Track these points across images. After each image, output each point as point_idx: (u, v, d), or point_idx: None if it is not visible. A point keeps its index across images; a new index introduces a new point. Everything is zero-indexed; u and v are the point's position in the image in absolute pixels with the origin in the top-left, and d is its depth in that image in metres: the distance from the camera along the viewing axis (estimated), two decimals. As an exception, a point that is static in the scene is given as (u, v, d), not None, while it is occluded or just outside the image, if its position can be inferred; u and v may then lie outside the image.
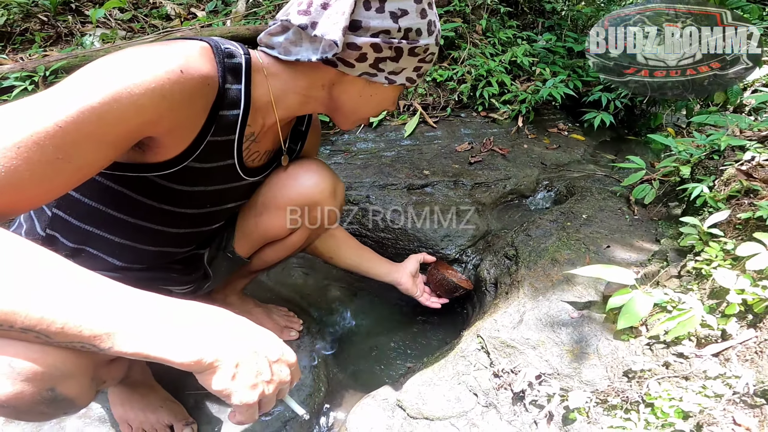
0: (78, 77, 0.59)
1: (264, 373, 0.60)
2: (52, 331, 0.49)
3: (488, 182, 1.99)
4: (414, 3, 0.78)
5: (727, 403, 0.76)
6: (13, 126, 0.53)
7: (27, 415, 0.56)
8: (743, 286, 0.88)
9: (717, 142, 1.42)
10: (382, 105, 0.91)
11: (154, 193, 0.79)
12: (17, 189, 0.53)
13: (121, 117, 0.59)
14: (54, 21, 2.72)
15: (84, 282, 0.52)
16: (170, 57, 0.65)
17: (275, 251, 1.14)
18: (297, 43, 0.78)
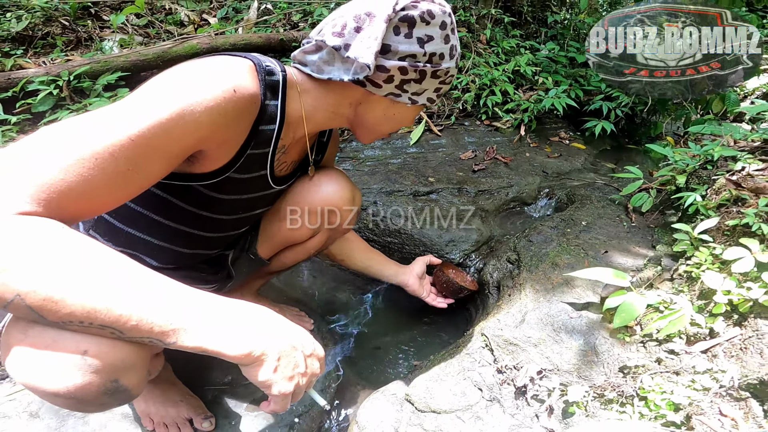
0: (145, 93, 0.64)
1: (300, 366, 0.66)
2: (127, 327, 0.54)
3: (491, 190, 2.05)
4: (439, 29, 0.84)
5: (714, 395, 0.83)
6: (90, 137, 0.57)
7: (88, 406, 0.60)
8: (729, 287, 0.95)
9: (711, 153, 1.49)
10: (403, 123, 0.96)
11: (196, 201, 0.85)
12: (91, 197, 0.58)
13: (185, 132, 0.65)
14: (74, 25, 2.79)
15: (153, 282, 0.58)
16: (225, 76, 0.70)
17: (294, 254, 1.22)
18: (330, 63, 0.83)
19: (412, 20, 0.81)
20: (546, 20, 3.51)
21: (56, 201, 0.54)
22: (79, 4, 2.87)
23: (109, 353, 0.57)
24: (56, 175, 0.54)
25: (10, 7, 2.73)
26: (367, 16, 0.80)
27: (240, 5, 3.37)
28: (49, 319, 0.52)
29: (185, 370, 1.14)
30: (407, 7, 0.80)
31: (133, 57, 2.39)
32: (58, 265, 0.51)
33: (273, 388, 0.64)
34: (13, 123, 2.03)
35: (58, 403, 0.58)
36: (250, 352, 0.60)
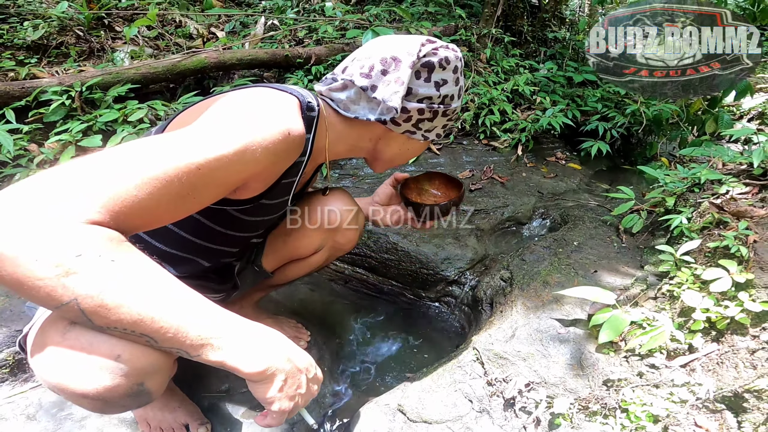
0: (213, 124, 0.70)
1: (302, 387, 0.72)
2: (165, 338, 0.58)
3: (487, 209, 2.10)
4: (452, 73, 0.92)
5: (690, 408, 0.87)
6: (164, 160, 0.61)
7: (111, 408, 0.63)
8: (708, 305, 1.00)
9: (698, 176, 1.55)
10: (414, 155, 1.06)
11: (225, 221, 0.91)
12: (153, 213, 0.62)
13: (243, 168, 0.70)
14: (88, 35, 2.87)
15: (190, 298, 0.62)
16: (281, 117, 0.76)
17: (297, 268, 1.26)
18: (356, 102, 0.91)
19: (432, 66, 0.89)
20: (545, 39, 3.59)
21: (125, 214, 0.58)
22: (94, 15, 2.95)
23: (140, 358, 0.61)
24: (131, 191, 0.57)
25: (27, 16, 2.81)
26: (393, 61, 0.87)
27: (247, 20, 3.46)
28: (96, 323, 0.55)
29: (183, 377, 1.17)
30: (428, 54, 0.89)
31: (144, 69, 2.46)
32: (115, 275, 0.54)
33: (275, 405, 0.68)
34: (25, 132, 2.09)
35: (84, 404, 0.61)
36: (264, 371, 0.65)
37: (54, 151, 1.99)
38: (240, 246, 1.06)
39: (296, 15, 3.45)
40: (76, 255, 0.52)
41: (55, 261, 0.51)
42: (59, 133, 2.08)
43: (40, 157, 1.97)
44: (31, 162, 1.96)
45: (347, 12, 3.43)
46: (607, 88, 3.06)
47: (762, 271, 1.04)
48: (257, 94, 0.79)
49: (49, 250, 0.51)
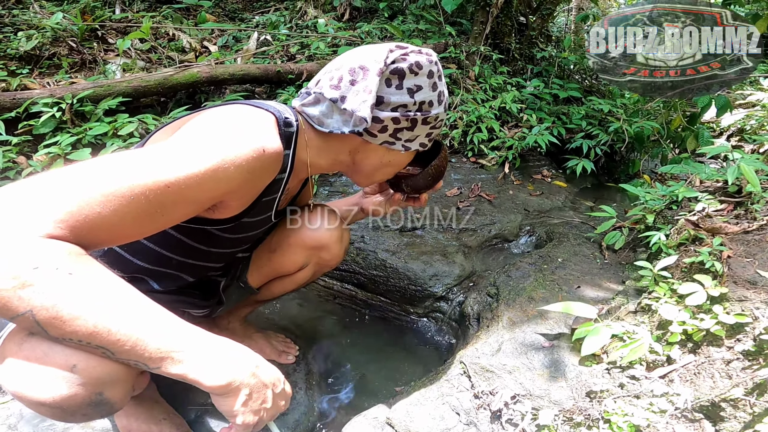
0: (185, 142, 0.70)
1: (268, 402, 0.71)
2: (121, 350, 0.58)
3: (475, 227, 2.14)
4: (427, 78, 0.88)
5: (670, 417, 0.90)
6: (131, 177, 0.61)
7: (72, 416, 0.63)
8: (684, 318, 1.04)
9: (675, 193, 1.60)
10: (397, 169, 1.01)
11: (207, 240, 0.92)
12: (117, 230, 0.62)
13: (215, 186, 0.70)
14: (80, 47, 2.87)
15: (150, 311, 0.61)
16: (255, 135, 0.75)
17: (283, 284, 1.26)
18: (329, 116, 0.88)
19: (402, 72, 0.85)
20: (532, 57, 3.67)
21: (87, 229, 0.58)
22: (88, 27, 2.96)
23: (96, 368, 0.60)
24: (93, 207, 0.58)
25: (21, 26, 2.81)
26: (361, 70, 0.84)
27: (240, 35, 3.50)
28: (51, 334, 0.55)
29: (169, 389, 1.17)
30: (397, 60, 0.85)
31: (135, 83, 2.46)
32: (72, 287, 0.55)
33: (238, 418, 0.68)
34: (14, 144, 2.08)
35: (44, 412, 0.62)
36: (227, 384, 0.65)
37: (43, 163, 1.99)
38: (224, 261, 1.06)
39: (289, 31, 3.51)
40: (33, 267, 0.53)
41: (11, 273, 0.52)
42: (48, 146, 2.08)
43: (28, 170, 1.96)
44: (20, 174, 1.95)
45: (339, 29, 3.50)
46: (591, 106, 3.14)
47: (735, 285, 1.09)
48: (232, 111, 0.79)
49: (7, 262, 0.52)
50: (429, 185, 1.07)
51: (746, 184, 1.39)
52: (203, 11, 3.68)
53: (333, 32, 3.38)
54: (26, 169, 1.97)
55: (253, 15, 3.93)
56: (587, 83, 3.90)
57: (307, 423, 1.25)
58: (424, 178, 1.04)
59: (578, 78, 3.89)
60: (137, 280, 0.95)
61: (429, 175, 1.04)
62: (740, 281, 1.09)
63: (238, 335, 1.36)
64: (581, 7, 5.40)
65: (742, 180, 1.43)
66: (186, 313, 1.08)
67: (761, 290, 1.04)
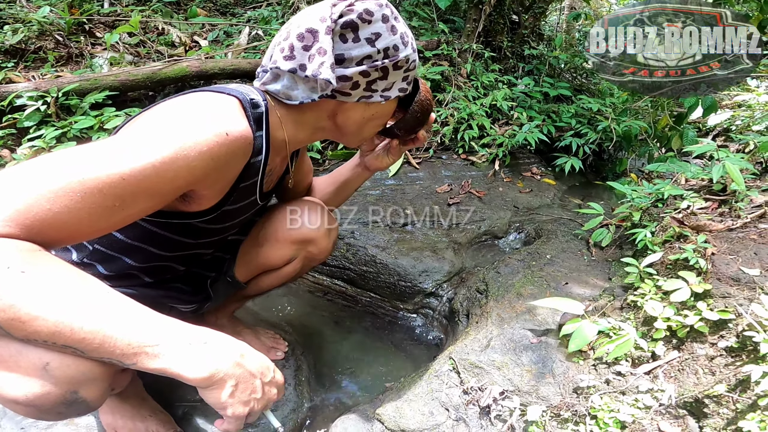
0: (140, 132, 0.68)
1: (257, 392, 0.70)
2: (89, 348, 0.56)
3: (464, 223, 2.15)
4: (383, 23, 0.83)
5: (654, 413, 0.91)
6: (83, 171, 0.59)
7: (45, 415, 0.62)
8: (668, 314, 1.05)
9: (661, 191, 1.62)
10: (384, 119, 0.98)
11: (194, 234, 0.91)
12: (72, 226, 0.60)
13: (176, 175, 0.67)
14: (67, 41, 2.82)
15: (119, 306, 0.60)
16: (217, 120, 0.73)
17: (270, 279, 1.25)
18: (293, 88, 0.85)
19: (354, 24, 0.81)
20: (524, 55, 3.68)
21: (38, 227, 0.56)
22: (75, 20, 2.91)
23: (70, 366, 0.59)
24: (42, 204, 0.56)
25: (7, 20, 2.76)
26: (310, 33, 0.81)
27: (231, 29, 3.46)
28: (15, 335, 0.54)
29: (156, 385, 1.15)
30: (344, 13, 0.81)
31: (123, 77, 2.42)
32: (26, 286, 0.53)
33: (228, 410, 0.67)
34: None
35: (18, 410, 0.61)
36: (210, 376, 0.63)
37: (26, 157, 1.96)
38: (216, 246, 1.05)
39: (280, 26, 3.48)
40: None
41: None
42: (32, 139, 2.05)
43: (12, 163, 1.93)
44: (3, 168, 1.92)
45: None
46: (580, 104, 3.17)
47: (719, 281, 1.11)
48: (191, 98, 0.77)
49: None
50: (421, 121, 1.06)
51: (731, 183, 1.41)
52: (194, 5, 3.63)
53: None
54: (9, 162, 1.94)
55: (245, 10, 3.89)
56: (577, 82, 3.93)
57: (296, 419, 1.25)
58: (412, 116, 1.04)
59: (568, 77, 3.92)
60: (128, 276, 0.94)
61: (416, 112, 1.03)
62: (724, 278, 1.11)
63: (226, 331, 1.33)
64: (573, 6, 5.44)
65: (727, 178, 1.46)
66: (174, 308, 1.07)
67: (744, 287, 1.06)
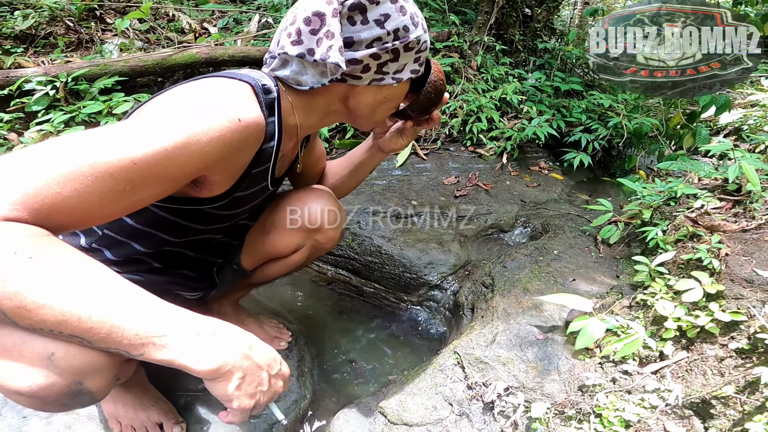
0: (152, 117, 0.67)
1: (264, 384, 0.68)
2: (97, 338, 0.55)
3: (471, 216, 2.14)
4: (391, 4, 0.81)
5: (660, 413, 0.90)
6: (93, 155, 0.58)
7: (50, 406, 0.61)
8: (679, 314, 1.04)
9: (674, 190, 1.60)
10: (397, 101, 0.96)
11: (204, 220, 0.90)
12: (82, 211, 0.59)
13: (188, 161, 0.66)
14: (77, 27, 2.81)
15: (127, 295, 0.58)
16: (230, 105, 0.72)
17: (277, 267, 1.24)
18: (303, 73, 0.84)
19: (362, 5, 0.80)
20: (536, 49, 3.64)
21: (47, 211, 0.55)
22: (86, 6, 2.89)
23: (76, 356, 0.58)
24: (52, 188, 0.55)
25: (18, 5, 2.75)
26: (317, 17, 0.79)
27: (241, 16, 3.44)
28: (20, 324, 0.53)
29: (159, 374, 1.15)
30: None
31: (132, 62, 2.42)
32: (34, 273, 0.52)
33: (234, 402, 0.66)
34: (5, 121, 2.04)
35: (21, 401, 0.60)
36: (217, 368, 0.62)
37: (34, 140, 1.95)
38: (225, 232, 1.05)
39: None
40: None
41: None
42: (41, 123, 2.05)
43: (19, 147, 1.93)
44: (10, 151, 1.92)
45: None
46: (591, 100, 3.13)
47: (732, 283, 1.09)
48: (204, 84, 0.76)
49: None
50: (434, 102, 1.04)
51: (746, 183, 1.39)
52: (204, -8, 3.60)
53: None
54: (17, 146, 1.94)
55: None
56: (589, 77, 3.87)
57: (298, 410, 1.25)
58: (426, 97, 1.01)
59: (580, 72, 3.87)
60: (137, 261, 0.94)
61: (430, 92, 1.01)
62: (737, 279, 1.09)
63: (230, 319, 1.33)
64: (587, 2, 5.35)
65: (742, 179, 1.43)
66: (179, 296, 1.07)
67: (758, 289, 1.04)
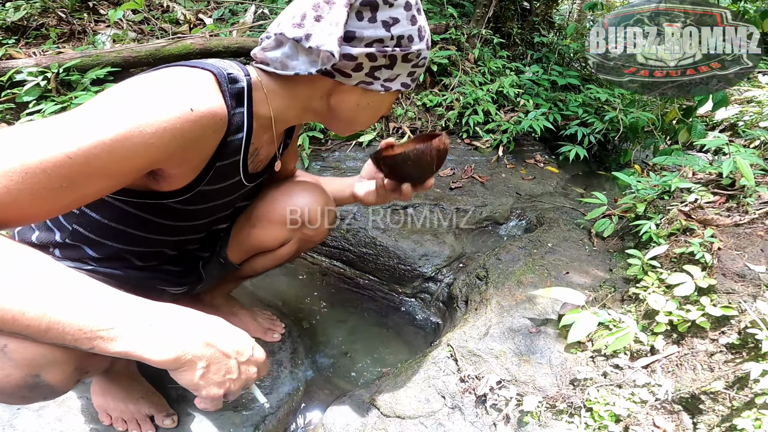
0: (92, 109, 0.62)
1: (232, 372, 0.66)
2: (39, 333, 0.53)
3: (466, 208, 2.13)
4: (404, 10, 0.79)
5: (650, 408, 0.91)
6: (25, 150, 0.55)
7: (9, 398, 0.61)
8: (671, 308, 1.04)
9: (668, 184, 1.60)
10: (379, 112, 0.92)
11: (172, 215, 0.86)
12: (15, 208, 0.56)
13: (130, 155, 0.62)
14: (70, 18, 2.76)
15: (71, 287, 0.55)
16: (181, 95, 0.67)
17: (265, 260, 1.22)
18: (293, 57, 0.80)
19: (375, 3, 0.77)
20: (533, 43, 3.62)
21: None
22: (79, -4, 2.86)
23: (29, 348, 0.57)
24: None
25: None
26: (326, 4, 0.76)
27: (236, 8, 3.40)
28: None
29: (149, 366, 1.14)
30: None
31: (125, 53, 2.39)
32: None
33: (201, 391, 0.64)
34: (-4, 112, 2.02)
35: None
36: (176, 358, 0.60)
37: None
38: (201, 233, 1.01)
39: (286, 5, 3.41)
40: None
41: None
42: (31, 114, 2.02)
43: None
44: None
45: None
46: (588, 94, 3.13)
47: (724, 277, 1.09)
48: (159, 73, 0.71)
49: None
50: (408, 173, 0.94)
51: (740, 178, 1.39)
52: (199, -18, 3.55)
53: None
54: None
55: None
56: (586, 71, 3.86)
57: (291, 402, 1.25)
58: (403, 160, 0.91)
59: (578, 66, 3.85)
60: (117, 258, 0.92)
61: (408, 158, 0.91)
62: (729, 274, 1.09)
63: (222, 311, 1.34)
64: (586, -5, 5.31)
65: (736, 173, 1.43)
66: (164, 291, 1.05)
67: (749, 283, 1.05)
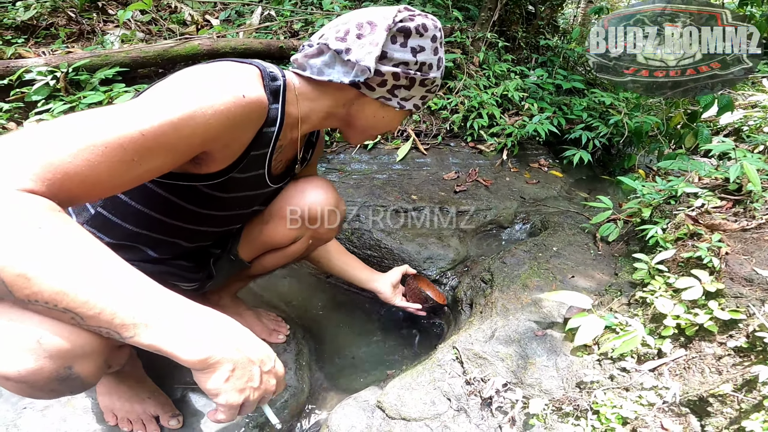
0: (160, 93, 0.69)
1: (254, 380, 0.66)
2: (89, 315, 0.55)
3: (470, 211, 2.14)
4: (431, 42, 0.92)
5: (657, 411, 0.90)
6: (103, 128, 0.61)
7: (38, 392, 0.60)
8: (678, 312, 1.04)
9: (675, 188, 1.60)
10: (390, 126, 1.03)
11: (197, 200, 0.90)
12: (93, 182, 0.60)
13: (193, 132, 0.69)
14: (79, 17, 2.80)
15: (124, 275, 0.58)
16: (235, 83, 0.76)
17: (275, 258, 1.24)
18: (331, 66, 0.90)
19: (408, 31, 0.89)
20: (538, 47, 3.62)
21: (60, 182, 0.57)
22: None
23: (66, 339, 0.58)
24: (65, 158, 0.57)
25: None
26: (369, 25, 0.88)
27: (243, 9, 3.43)
28: (16, 295, 0.53)
29: (155, 367, 1.15)
30: (405, 20, 0.89)
31: (134, 53, 2.41)
32: (40, 243, 0.52)
33: (220, 397, 0.64)
34: (5, 110, 2.04)
35: (9, 387, 0.59)
36: (205, 359, 0.61)
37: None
38: (218, 227, 1.04)
39: (293, 7, 3.42)
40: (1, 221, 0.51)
41: None
42: (40, 113, 2.04)
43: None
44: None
45: (345, 7, 3.42)
46: (593, 98, 3.12)
47: (732, 281, 1.09)
48: (212, 64, 0.79)
49: None
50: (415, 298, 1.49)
51: (746, 183, 1.39)
52: (207, -16, 3.58)
53: (338, 10, 3.30)
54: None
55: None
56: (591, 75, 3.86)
57: (296, 404, 1.25)
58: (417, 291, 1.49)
59: (582, 70, 3.85)
60: (131, 248, 0.93)
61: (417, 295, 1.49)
62: (737, 278, 1.09)
63: (228, 311, 1.32)
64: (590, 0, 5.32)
65: (743, 178, 1.43)
66: (176, 286, 1.06)
67: (757, 287, 1.04)
